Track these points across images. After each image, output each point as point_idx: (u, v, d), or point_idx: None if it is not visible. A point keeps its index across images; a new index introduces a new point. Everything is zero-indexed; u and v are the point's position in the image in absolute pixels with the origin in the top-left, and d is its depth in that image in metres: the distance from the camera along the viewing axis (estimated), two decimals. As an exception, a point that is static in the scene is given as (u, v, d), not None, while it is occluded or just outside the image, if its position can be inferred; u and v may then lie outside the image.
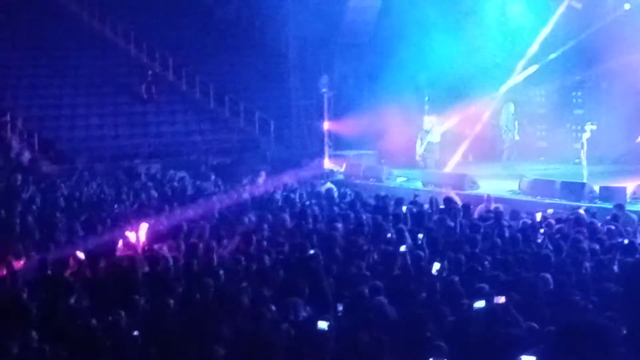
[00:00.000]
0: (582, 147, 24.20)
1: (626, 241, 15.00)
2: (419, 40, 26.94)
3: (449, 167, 26.92)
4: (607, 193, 21.52)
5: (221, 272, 12.93)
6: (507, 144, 27.70)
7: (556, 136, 29.67)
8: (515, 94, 28.71)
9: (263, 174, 24.91)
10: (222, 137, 31.93)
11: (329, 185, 24.49)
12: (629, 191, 21.43)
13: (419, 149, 27.56)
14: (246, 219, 17.66)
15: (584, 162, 24.26)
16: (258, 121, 31.88)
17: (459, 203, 19.59)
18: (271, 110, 32.07)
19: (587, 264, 13.27)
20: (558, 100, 29.90)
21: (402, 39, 27.26)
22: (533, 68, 28.04)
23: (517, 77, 28.39)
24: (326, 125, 28.81)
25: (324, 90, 28.81)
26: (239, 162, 28.75)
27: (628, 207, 19.29)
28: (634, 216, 18.30)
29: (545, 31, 27.79)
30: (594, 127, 25.09)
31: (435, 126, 27.84)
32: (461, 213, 18.15)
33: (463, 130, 28.22)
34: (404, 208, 18.81)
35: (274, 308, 10.97)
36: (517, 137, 27.59)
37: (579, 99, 30.14)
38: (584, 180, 22.91)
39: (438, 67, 26.92)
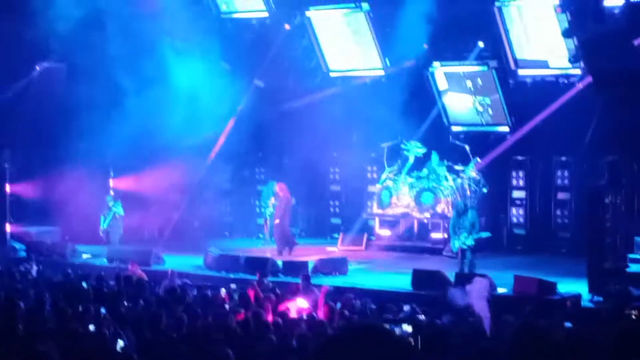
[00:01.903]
0: (265, 223, 24.80)
1: (305, 316, 15.45)
2: (106, 108, 26.73)
3: (134, 242, 26.71)
4: (290, 267, 22.17)
5: None
6: (265, 221, 28.12)
7: (241, 211, 30.25)
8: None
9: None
10: None
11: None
12: (311, 266, 22.20)
13: (103, 224, 27.15)
14: None
15: (268, 237, 24.87)
16: None
17: (145, 278, 19.51)
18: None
19: (273, 337, 13.50)
20: (243, 176, 30.49)
21: (89, 107, 26.94)
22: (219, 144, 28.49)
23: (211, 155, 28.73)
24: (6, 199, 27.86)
25: (7, 165, 27.88)
26: None
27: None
28: (316, 290, 18.90)
29: (232, 116, 28.40)
30: (276, 203, 25.82)
31: (116, 201, 27.49)
32: (146, 289, 18.05)
33: (152, 203, 28.13)
34: (87, 285, 18.46)
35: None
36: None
37: (262, 175, 30.91)
38: (267, 255, 23.48)
39: (126, 137, 26.64)
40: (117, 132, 26.46)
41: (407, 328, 13.44)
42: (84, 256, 25.54)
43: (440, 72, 27.13)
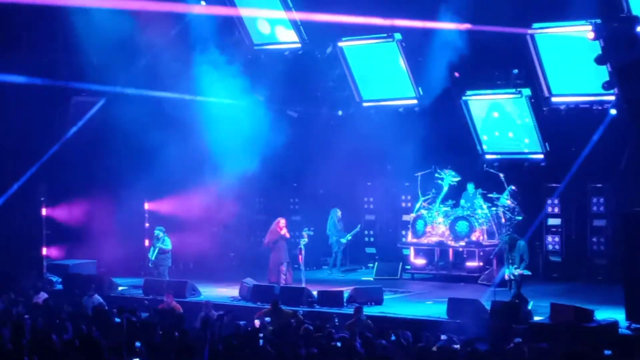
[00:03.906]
0: (300, 253, 24.78)
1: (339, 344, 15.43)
2: (139, 143, 26.86)
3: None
4: (324, 297, 22.17)
5: None
6: (335, 248, 28.37)
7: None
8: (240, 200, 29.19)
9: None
10: None
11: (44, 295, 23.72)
12: (346, 295, 22.19)
13: (152, 256, 27.00)
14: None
15: (302, 267, 24.85)
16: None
17: (180, 310, 19.56)
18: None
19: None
20: (277, 207, 30.48)
21: (123, 137, 27.08)
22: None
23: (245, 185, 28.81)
24: (44, 248, 28.05)
25: (42, 199, 28.08)
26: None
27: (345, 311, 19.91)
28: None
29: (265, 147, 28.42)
30: (311, 233, 25.81)
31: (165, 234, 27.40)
32: (182, 320, 18.07)
33: (187, 236, 28.21)
34: (122, 317, 18.49)
35: None
36: (344, 240, 28.32)
37: (296, 206, 30.96)
38: (303, 285, 23.45)
39: (160, 172, 26.76)
40: (152, 164, 26.58)
41: None
42: (120, 288, 25.65)
43: (473, 101, 27.17)
